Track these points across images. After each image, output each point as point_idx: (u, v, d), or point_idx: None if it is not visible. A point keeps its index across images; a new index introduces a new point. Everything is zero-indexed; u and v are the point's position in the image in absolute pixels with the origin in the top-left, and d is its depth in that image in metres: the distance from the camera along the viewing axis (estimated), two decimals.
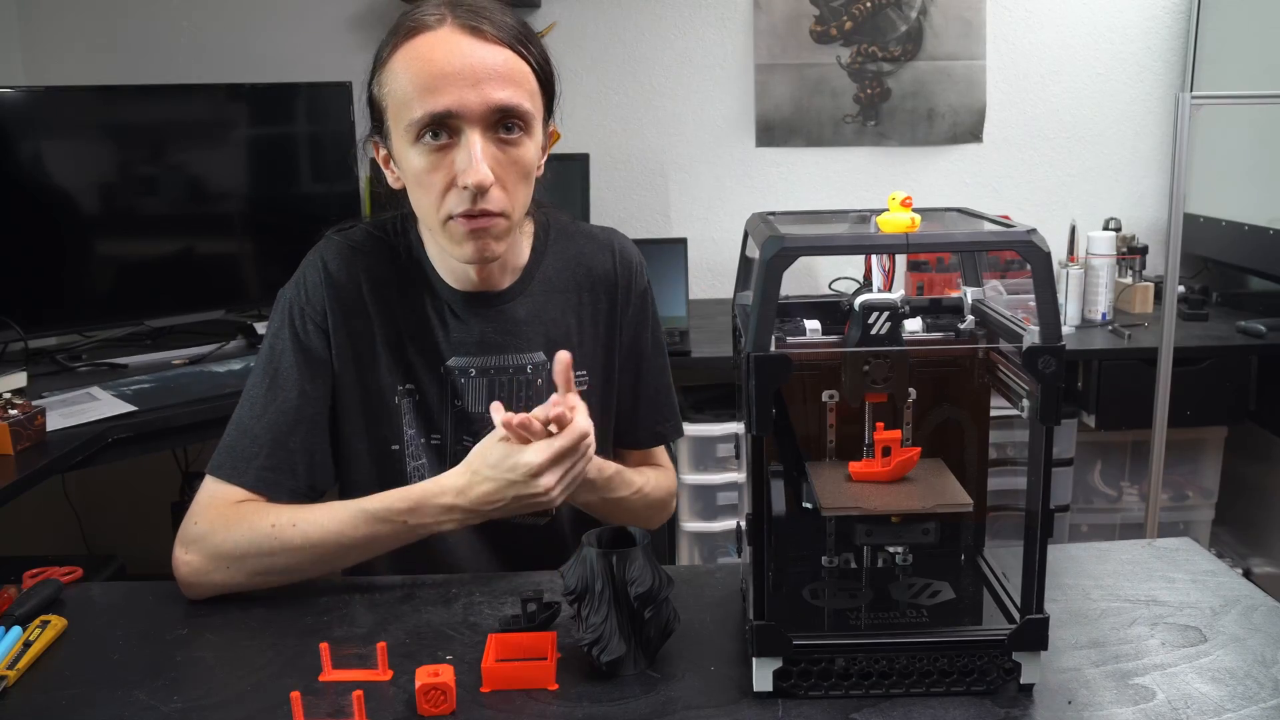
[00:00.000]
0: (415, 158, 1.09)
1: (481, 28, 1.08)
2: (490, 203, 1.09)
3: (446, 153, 1.08)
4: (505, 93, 1.07)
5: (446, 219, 1.10)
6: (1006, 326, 0.92)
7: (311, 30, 2.76)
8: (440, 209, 1.10)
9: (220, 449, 1.17)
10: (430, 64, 1.06)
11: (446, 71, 1.06)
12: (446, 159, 1.08)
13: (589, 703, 0.89)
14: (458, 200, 1.09)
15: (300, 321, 1.20)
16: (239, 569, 1.09)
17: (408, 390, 1.23)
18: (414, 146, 1.09)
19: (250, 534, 1.09)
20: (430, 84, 1.06)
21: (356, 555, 1.11)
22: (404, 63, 1.08)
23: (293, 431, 1.17)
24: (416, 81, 1.07)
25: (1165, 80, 2.86)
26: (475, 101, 1.06)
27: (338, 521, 1.09)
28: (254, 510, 1.11)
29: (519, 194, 1.12)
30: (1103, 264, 2.50)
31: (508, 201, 1.11)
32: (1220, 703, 0.87)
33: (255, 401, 1.18)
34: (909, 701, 0.87)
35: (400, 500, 1.09)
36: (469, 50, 1.07)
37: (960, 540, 1.04)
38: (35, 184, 2.26)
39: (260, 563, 1.09)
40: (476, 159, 1.06)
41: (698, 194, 2.92)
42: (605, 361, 1.30)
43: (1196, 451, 2.58)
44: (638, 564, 0.92)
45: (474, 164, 1.06)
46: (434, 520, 1.09)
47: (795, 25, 2.83)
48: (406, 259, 1.24)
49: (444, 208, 1.10)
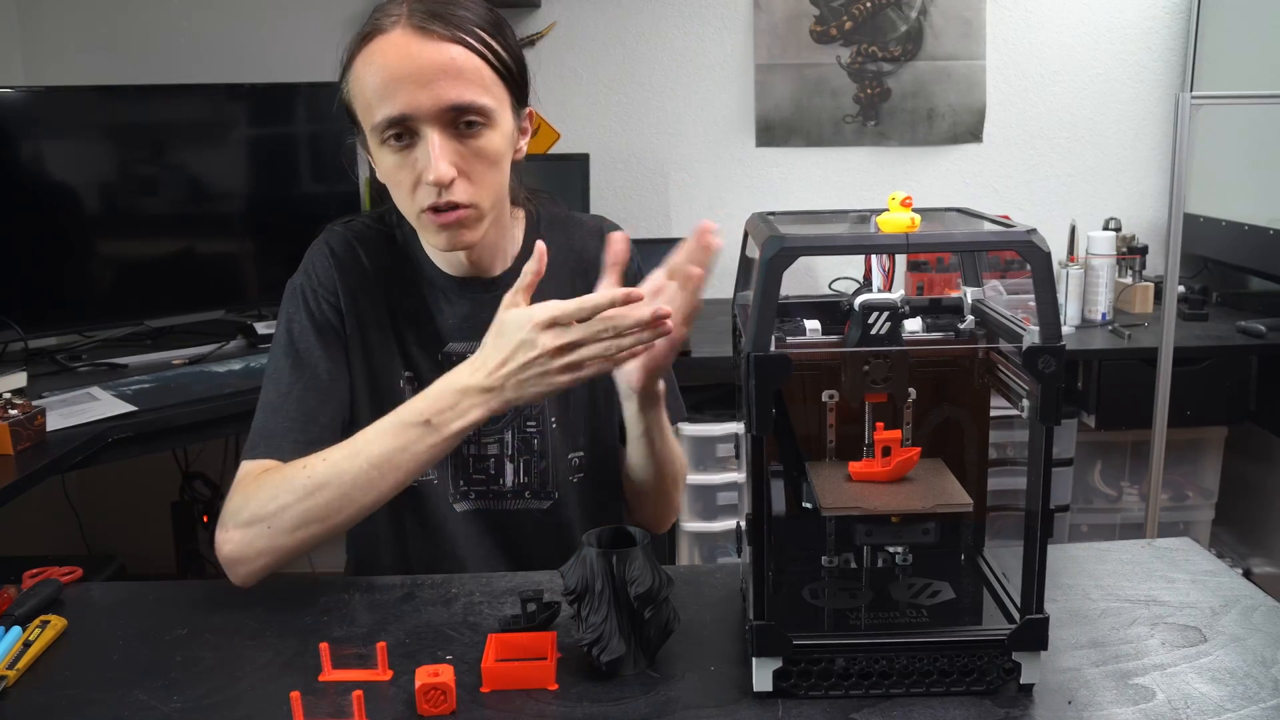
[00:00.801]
0: (384, 158, 1.13)
1: (430, 27, 1.10)
2: (455, 195, 1.11)
3: (410, 151, 1.11)
4: (455, 90, 1.09)
5: (419, 213, 1.14)
6: (1006, 326, 0.92)
7: (311, 30, 2.76)
8: (412, 204, 1.13)
9: (253, 434, 1.16)
10: (383, 69, 1.09)
11: (398, 75, 1.08)
12: (411, 157, 1.11)
13: (589, 703, 0.89)
14: (425, 195, 1.12)
15: (315, 303, 1.21)
16: (279, 525, 1.05)
17: (408, 378, 1.24)
18: (381, 148, 1.12)
19: (284, 484, 1.06)
20: (383, 88, 1.09)
21: (393, 475, 1.06)
22: (362, 66, 1.12)
23: (322, 407, 1.17)
24: (373, 86, 1.10)
25: (1165, 80, 2.86)
26: (427, 102, 1.08)
27: (364, 441, 1.07)
28: (281, 467, 1.10)
29: (486, 183, 1.14)
30: (1103, 264, 2.50)
31: (475, 192, 1.13)
32: (1220, 703, 0.87)
33: (280, 382, 1.17)
34: (909, 701, 0.87)
35: (417, 400, 1.06)
36: (417, 52, 1.09)
37: (960, 540, 1.04)
38: (35, 184, 2.26)
39: (299, 511, 1.05)
40: (435, 157, 1.09)
41: (698, 194, 2.92)
42: None
43: (1196, 451, 2.58)
44: (638, 564, 0.92)
45: (433, 162, 1.09)
46: (452, 407, 1.04)
47: (795, 25, 2.83)
48: (404, 247, 1.26)
49: (415, 203, 1.13)
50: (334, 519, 1.06)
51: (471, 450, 1.26)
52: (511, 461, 1.27)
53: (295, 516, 1.06)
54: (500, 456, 1.27)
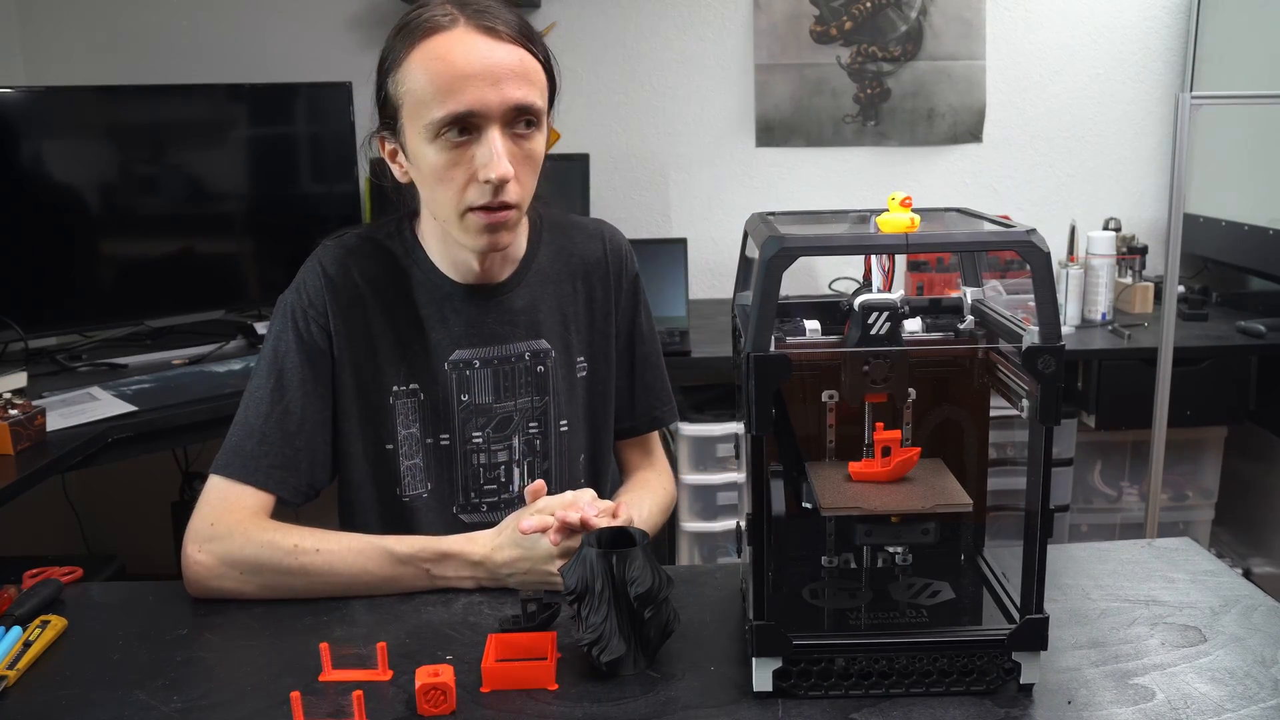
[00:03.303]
0: (434, 154, 1.12)
1: (495, 27, 1.11)
2: (508, 195, 1.12)
3: (466, 148, 1.11)
4: (522, 91, 1.11)
5: (465, 211, 1.14)
6: (1006, 326, 0.92)
7: (311, 30, 2.76)
8: (460, 202, 1.13)
9: (226, 449, 1.18)
10: (450, 65, 1.09)
11: (467, 72, 1.09)
12: (466, 154, 1.11)
13: (589, 703, 0.89)
14: (478, 193, 1.12)
15: (303, 323, 1.21)
16: (252, 580, 1.09)
17: (410, 390, 1.24)
18: (433, 143, 1.12)
19: (271, 550, 1.09)
20: (450, 85, 1.09)
21: (369, 591, 1.11)
22: (422, 63, 1.11)
23: (299, 431, 1.19)
24: (437, 82, 1.09)
25: (1165, 80, 2.86)
26: (495, 101, 1.09)
27: (362, 556, 1.10)
28: (276, 527, 1.12)
29: (529, 185, 1.17)
30: (1103, 264, 2.50)
31: (521, 193, 1.15)
32: (1220, 703, 0.87)
33: (261, 402, 1.19)
34: (909, 701, 0.87)
35: (428, 549, 1.11)
36: (487, 51, 1.10)
37: (960, 540, 1.04)
38: (35, 184, 2.26)
39: (275, 580, 1.09)
40: (499, 154, 1.10)
41: (698, 194, 2.92)
42: (602, 348, 1.32)
43: (1196, 451, 2.58)
44: (638, 564, 0.92)
45: (496, 159, 1.10)
46: (455, 574, 1.11)
47: (795, 25, 2.83)
48: (404, 259, 1.25)
49: (464, 200, 1.13)
50: (299, 595, 1.11)
51: (481, 460, 1.26)
52: (518, 466, 1.28)
53: (268, 582, 1.10)
54: (509, 463, 1.28)
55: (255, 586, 1.10)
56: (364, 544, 1.11)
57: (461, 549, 1.10)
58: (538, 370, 1.27)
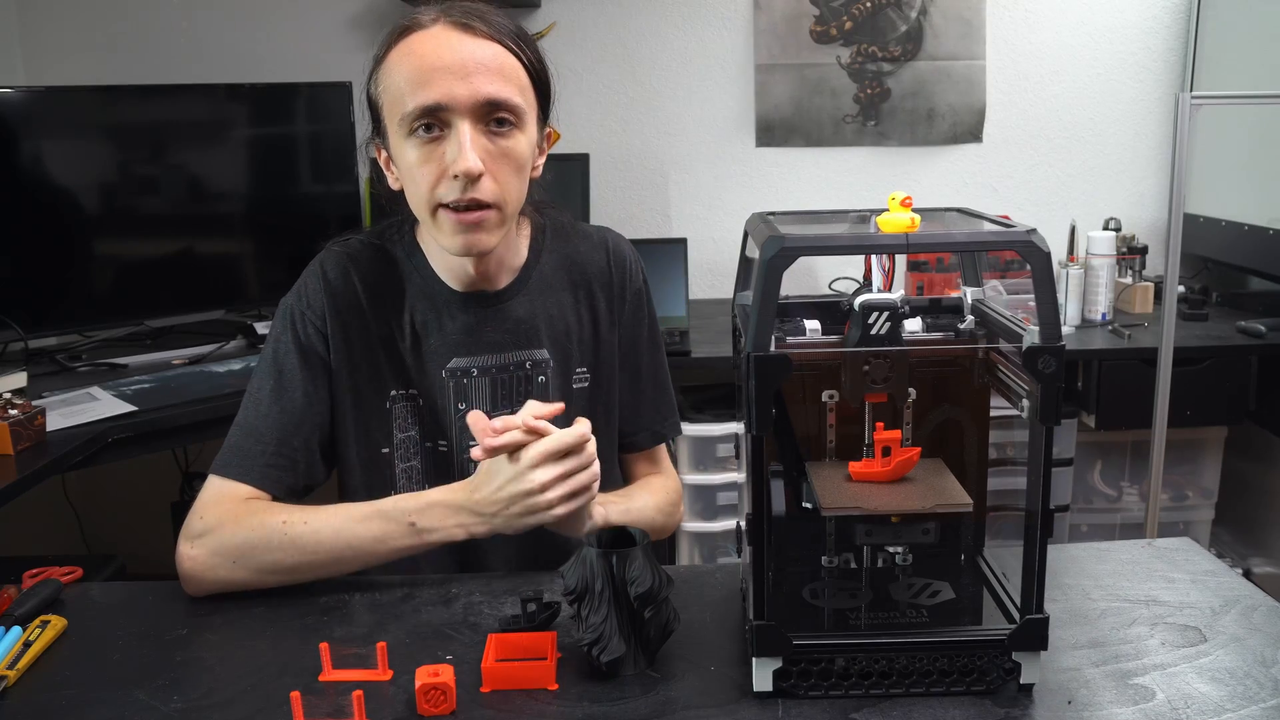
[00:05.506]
0: (408, 151, 1.12)
1: (472, 24, 1.11)
2: (480, 192, 1.11)
3: (438, 144, 1.11)
4: (494, 85, 1.10)
5: (436, 208, 1.13)
6: (1006, 326, 0.92)
7: (311, 30, 2.76)
8: (431, 199, 1.12)
9: (225, 450, 1.18)
10: (421, 59, 1.09)
11: (436, 65, 1.09)
12: (438, 150, 1.11)
13: (589, 703, 0.89)
14: (448, 189, 1.11)
15: (302, 326, 1.21)
16: (245, 564, 1.09)
17: (408, 395, 1.23)
18: (407, 140, 1.12)
19: (260, 529, 1.09)
20: (421, 78, 1.09)
21: (363, 559, 1.11)
22: (397, 60, 1.11)
23: (297, 432, 1.19)
24: (408, 76, 1.09)
25: (1165, 80, 2.86)
26: (464, 93, 1.09)
27: (349, 519, 1.10)
28: (263, 507, 1.13)
29: (511, 187, 1.14)
30: (1103, 264, 2.50)
31: (499, 192, 1.12)
32: (1220, 703, 0.87)
33: (260, 403, 1.19)
34: (909, 701, 0.87)
35: (412, 499, 1.11)
36: (458, 44, 1.10)
37: (960, 540, 1.04)
38: (35, 184, 2.26)
39: (268, 559, 1.09)
40: (465, 148, 1.09)
41: (698, 194, 2.93)
42: (605, 359, 1.31)
43: (1196, 451, 2.58)
44: (638, 564, 0.92)
45: (463, 153, 1.09)
46: (440, 523, 1.10)
47: (795, 25, 2.83)
48: (406, 264, 1.25)
49: (434, 197, 1.12)
50: (296, 576, 1.11)
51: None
52: None
53: (260, 563, 1.09)
54: None
55: (248, 572, 1.09)
56: (349, 508, 1.12)
57: (442, 494, 1.10)
58: (537, 380, 1.26)
